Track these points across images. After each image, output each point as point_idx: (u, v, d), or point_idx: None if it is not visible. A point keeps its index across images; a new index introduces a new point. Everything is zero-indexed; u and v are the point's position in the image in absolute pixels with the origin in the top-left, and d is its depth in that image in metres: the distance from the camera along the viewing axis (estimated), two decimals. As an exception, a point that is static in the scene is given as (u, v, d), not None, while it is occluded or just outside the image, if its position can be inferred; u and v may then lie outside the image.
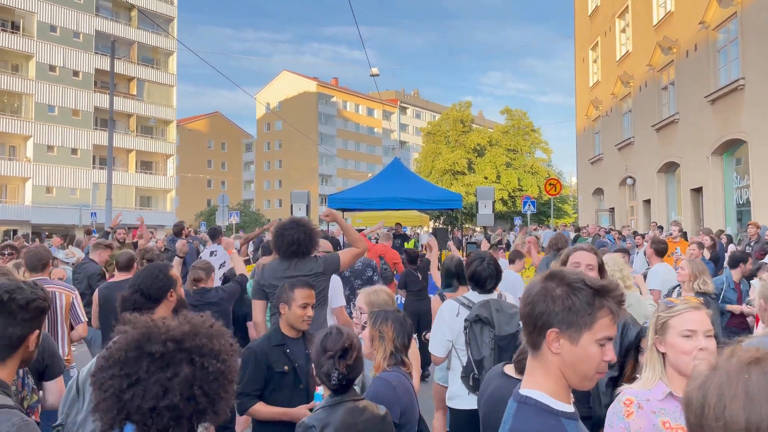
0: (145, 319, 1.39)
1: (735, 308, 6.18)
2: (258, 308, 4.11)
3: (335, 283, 4.98)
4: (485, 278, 3.83)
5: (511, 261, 7.55)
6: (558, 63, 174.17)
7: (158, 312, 2.88)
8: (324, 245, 5.41)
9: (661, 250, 6.98)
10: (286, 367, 3.19)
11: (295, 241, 4.03)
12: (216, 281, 7.53)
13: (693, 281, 4.99)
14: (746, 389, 0.98)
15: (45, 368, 2.93)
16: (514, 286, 6.45)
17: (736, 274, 6.55)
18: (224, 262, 7.87)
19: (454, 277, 5.07)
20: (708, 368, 1.06)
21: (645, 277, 7.02)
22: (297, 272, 3.95)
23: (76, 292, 4.72)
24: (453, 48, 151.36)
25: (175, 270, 3.27)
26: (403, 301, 8.22)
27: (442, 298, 4.97)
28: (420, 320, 7.02)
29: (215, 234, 9.06)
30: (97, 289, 5.40)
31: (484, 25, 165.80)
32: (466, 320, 3.59)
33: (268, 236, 7.81)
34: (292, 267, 4.03)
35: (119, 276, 5.49)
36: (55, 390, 2.95)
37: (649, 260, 7.29)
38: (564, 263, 3.27)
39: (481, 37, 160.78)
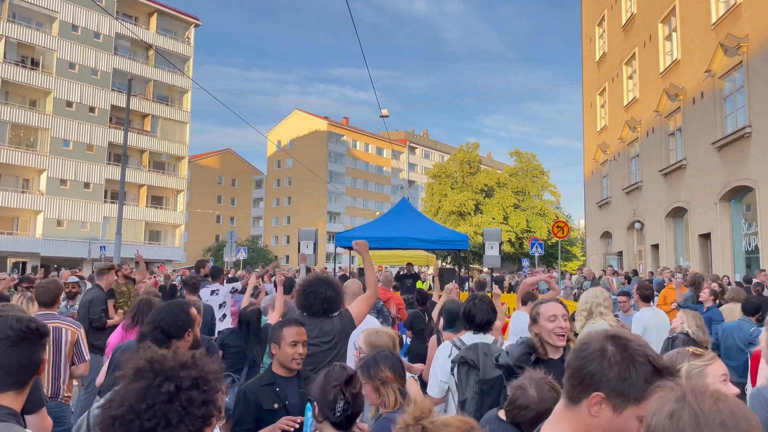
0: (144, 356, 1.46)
1: None
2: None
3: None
4: (474, 316, 3.93)
5: (524, 302, 7.35)
6: (562, 107, 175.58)
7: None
8: (355, 286, 5.36)
9: (646, 296, 6.98)
10: (275, 405, 3.18)
11: (326, 300, 3.97)
12: (217, 321, 7.49)
13: (693, 332, 4.95)
14: (721, 420, 1.05)
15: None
16: (524, 327, 6.36)
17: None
18: (224, 302, 7.80)
19: (458, 319, 5.12)
20: (672, 398, 1.12)
21: None
22: (317, 335, 3.84)
23: (82, 330, 4.66)
24: (457, 91, 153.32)
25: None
26: (409, 342, 8.17)
27: (439, 339, 5.06)
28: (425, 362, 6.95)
29: (217, 273, 8.81)
30: (113, 352, 5.23)
31: (487, 69, 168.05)
32: (452, 361, 3.66)
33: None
34: (310, 330, 3.83)
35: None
36: (36, 425, 2.67)
37: (636, 304, 7.30)
38: (535, 317, 3.25)
39: (484, 80, 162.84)
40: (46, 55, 42.84)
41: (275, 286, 5.82)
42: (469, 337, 3.91)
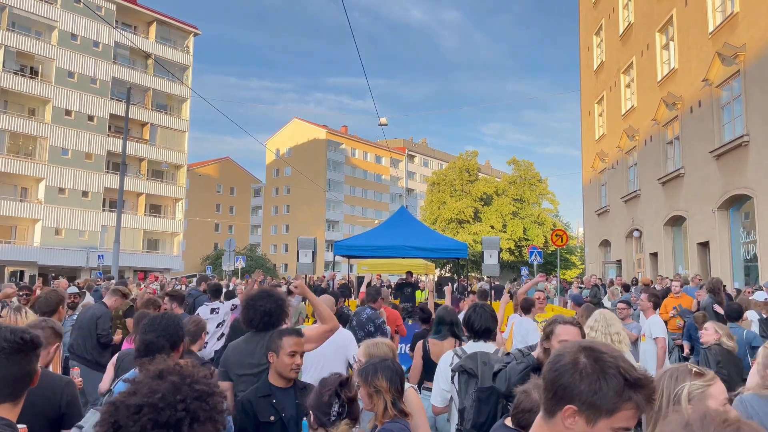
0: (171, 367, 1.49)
1: None
2: (224, 389, 3.80)
3: (352, 341, 4.97)
4: (473, 323, 4.02)
5: (526, 310, 7.27)
6: (559, 115, 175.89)
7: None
8: (328, 302, 5.37)
9: (657, 303, 7.10)
10: (272, 417, 3.15)
11: (267, 312, 3.86)
12: (213, 340, 7.35)
13: (718, 339, 5.07)
14: None
15: (62, 416, 2.75)
16: (528, 333, 6.48)
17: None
18: (223, 321, 7.65)
19: (446, 325, 5.14)
20: (679, 425, 1.12)
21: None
22: (260, 350, 3.70)
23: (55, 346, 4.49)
24: (454, 99, 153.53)
25: None
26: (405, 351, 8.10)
27: (425, 343, 5.16)
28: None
29: (217, 291, 8.54)
30: (119, 359, 5.00)
31: (484, 77, 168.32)
32: (452, 370, 3.70)
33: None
34: (259, 348, 3.73)
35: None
36: None
37: (645, 312, 7.35)
38: (549, 335, 3.19)
39: (481, 88, 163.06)
40: (45, 63, 42.91)
41: None
42: (470, 346, 3.95)
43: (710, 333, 5.25)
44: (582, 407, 1.40)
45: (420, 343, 5.25)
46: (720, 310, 8.39)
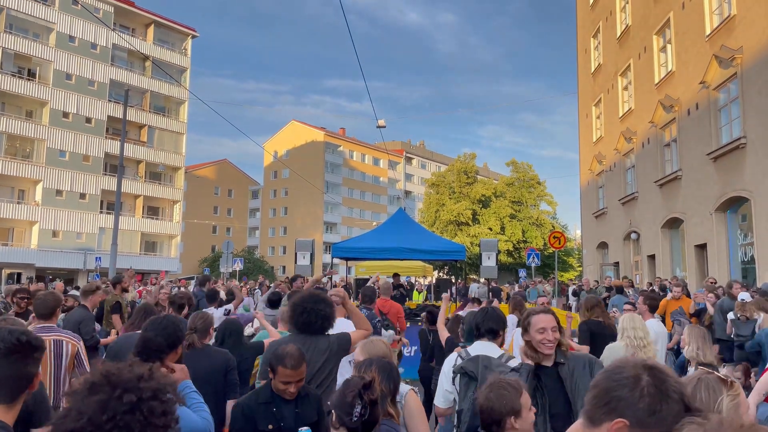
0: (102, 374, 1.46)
1: None
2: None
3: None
4: (478, 322, 4.07)
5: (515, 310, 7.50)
6: (556, 118, 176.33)
7: (168, 359, 3.10)
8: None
9: (654, 306, 7.02)
10: (270, 426, 3.09)
11: (326, 317, 3.91)
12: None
13: (694, 350, 4.88)
14: None
15: (30, 415, 2.68)
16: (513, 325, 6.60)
17: None
18: (216, 328, 7.63)
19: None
20: None
21: None
22: (310, 354, 3.71)
23: (81, 342, 4.59)
24: (451, 102, 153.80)
25: None
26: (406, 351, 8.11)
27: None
28: (431, 384, 6.67)
29: (213, 297, 8.46)
30: (111, 346, 5.05)
31: (481, 80, 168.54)
32: (453, 372, 3.69)
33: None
34: (306, 347, 3.71)
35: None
36: None
37: (642, 316, 7.33)
38: (526, 327, 3.33)
39: (478, 91, 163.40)
40: (42, 66, 42.87)
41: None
42: (474, 348, 3.94)
43: (684, 339, 5.02)
44: (634, 424, 1.37)
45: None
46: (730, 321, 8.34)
